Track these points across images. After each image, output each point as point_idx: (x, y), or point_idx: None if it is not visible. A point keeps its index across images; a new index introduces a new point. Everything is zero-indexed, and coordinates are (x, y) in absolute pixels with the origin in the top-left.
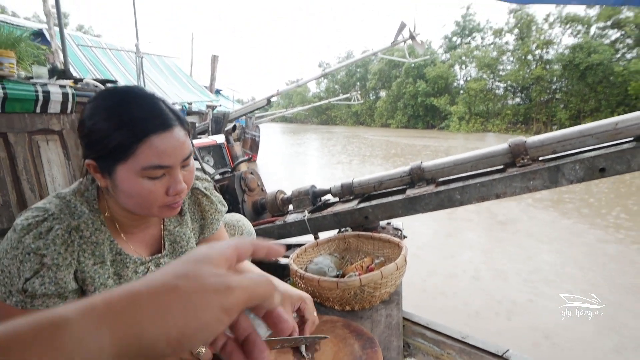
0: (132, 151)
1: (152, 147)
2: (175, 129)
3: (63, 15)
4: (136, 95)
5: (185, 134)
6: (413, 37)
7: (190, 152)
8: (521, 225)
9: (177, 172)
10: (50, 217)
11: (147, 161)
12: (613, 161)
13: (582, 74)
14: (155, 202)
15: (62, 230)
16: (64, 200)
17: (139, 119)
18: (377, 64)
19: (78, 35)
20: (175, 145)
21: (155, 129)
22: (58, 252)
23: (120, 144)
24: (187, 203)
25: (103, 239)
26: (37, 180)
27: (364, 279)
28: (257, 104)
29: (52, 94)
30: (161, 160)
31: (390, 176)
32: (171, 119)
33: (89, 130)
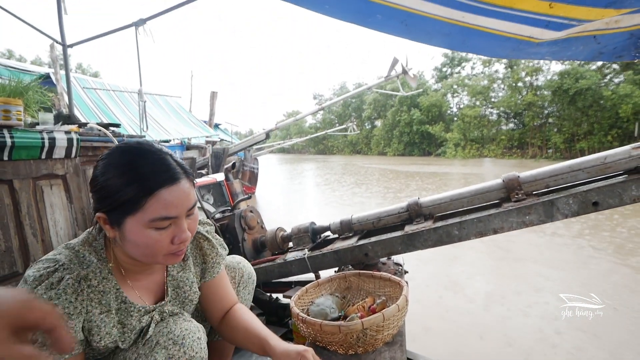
0: (141, 205)
1: (160, 200)
2: (182, 181)
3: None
4: (146, 152)
5: (190, 185)
6: (406, 72)
7: (195, 202)
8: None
9: (183, 222)
10: (61, 268)
11: (155, 213)
12: (605, 195)
13: (572, 98)
14: (161, 251)
15: (72, 280)
16: (73, 251)
17: (148, 174)
18: (372, 94)
19: (82, 77)
20: (182, 196)
21: (164, 183)
22: (69, 301)
23: (131, 198)
24: (189, 247)
25: (110, 287)
26: (40, 224)
27: (366, 322)
28: (256, 138)
29: (58, 139)
30: (168, 212)
31: (388, 212)
32: (178, 172)
33: (101, 186)
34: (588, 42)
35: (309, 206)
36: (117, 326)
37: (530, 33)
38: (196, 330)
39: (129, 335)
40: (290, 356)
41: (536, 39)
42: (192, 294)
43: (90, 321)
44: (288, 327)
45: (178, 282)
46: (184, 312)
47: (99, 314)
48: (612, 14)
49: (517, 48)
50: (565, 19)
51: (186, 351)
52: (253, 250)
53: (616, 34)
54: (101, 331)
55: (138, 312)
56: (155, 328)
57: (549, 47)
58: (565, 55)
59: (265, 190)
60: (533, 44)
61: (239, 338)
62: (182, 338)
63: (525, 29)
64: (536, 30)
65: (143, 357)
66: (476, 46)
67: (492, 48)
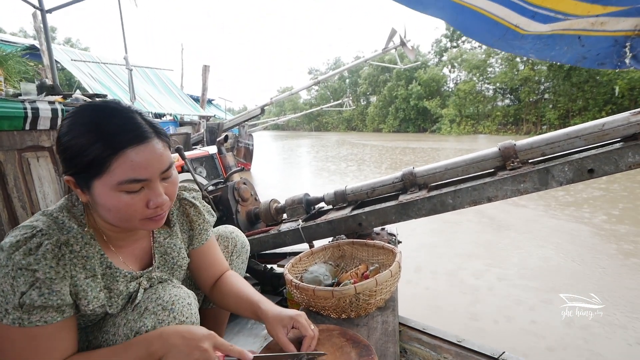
0: (107, 166)
1: (127, 161)
2: (151, 141)
3: (50, 30)
4: (111, 110)
5: (164, 145)
6: (404, 44)
7: (170, 164)
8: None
9: (157, 185)
10: (39, 234)
11: (123, 175)
12: (601, 162)
13: (567, 74)
14: (135, 215)
15: (51, 245)
16: (51, 217)
17: (113, 133)
18: (368, 69)
19: (73, 50)
20: (152, 157)
21: (130, 142)
22: (50, 266)
23: (95, 159)
24: (175, 214)
25: (93, 252)
26: (29, 197)
27: (359, 287)
28: (251, 113)
29: (41, 110)
30: (137, 174)
31: (382, 182)
32: (147, 131)
33: (65, 147)
34: (572, 42)
35: (303, 181)
36: (103, 290)
37: (518, 22)
38: (186, 296)
39: (116, 300)
40: (283, 320)
41: (522, 30)
42: (180, 259)
43: (76, 285)
44: (282, 295)
45: (165, 248)
46: (173, 278)
47: (84, 278)
48: (599, 11)
49: (504, 38)
50: (551, 11)
51: (176, 316)
52: (247, 222)
53: (600, 38)
54: (88, 295)
55: (124, 277)
56: (144, 294)
57: (534, 42)
58: (549, 55)
59: (261, 167)
60: (518, 35)
61: (230, 304)
62: (172, 304)
63: (513, 16)
64: (523, 19)
65: (132, 322)
66: (466, 26)
67: (481, 32)
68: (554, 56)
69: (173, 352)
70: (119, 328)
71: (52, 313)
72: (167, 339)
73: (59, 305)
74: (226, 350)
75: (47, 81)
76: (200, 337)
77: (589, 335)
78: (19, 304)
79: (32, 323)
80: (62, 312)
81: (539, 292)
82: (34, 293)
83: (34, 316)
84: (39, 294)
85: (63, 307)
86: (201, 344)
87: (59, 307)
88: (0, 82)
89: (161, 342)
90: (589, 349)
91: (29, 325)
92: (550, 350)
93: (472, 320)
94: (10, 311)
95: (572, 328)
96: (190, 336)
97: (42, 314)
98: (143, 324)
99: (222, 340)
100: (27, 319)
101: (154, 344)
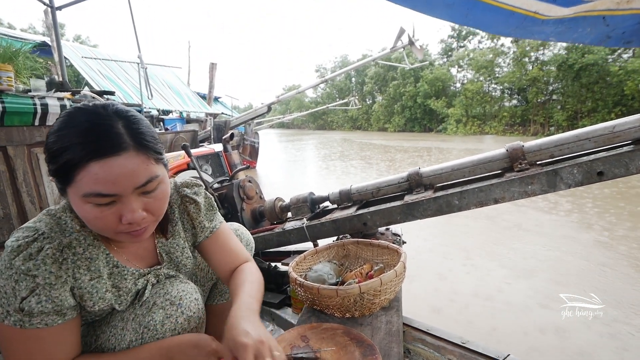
0: (72, 176)
1: (90, 173)
2: (124, 154)
3: (59, 27)
4: (90, 114)
5: (144, 159)
6: (412, 43)
7: (150, 179)
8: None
9: (129, 201)
10: (41, 237)
11: (87, 188)
12: (611, 165)
13: (577, 74)
14: (107, 228)
15: (52, 250)
16: (55, 218)
17: (81, 143)
18: (374, 68)
19: (82, 47)
20: (121, 173)
21: (97, 154)
22: (49, 271)
23: (63, 166)
24: (177, 212)
25: (97, 253)
26: (37, 192)
27: (364, 286)
28: (257, 111)
29: (50, 106)
30: (102, 188)
31: (388, 182)
32: (122, 143)
33: (46, 147)
34: (596, 23)
35: (308, 180)
36: (111, 290)
37: (537, 8)
38: (193, 291)
39: (125, 297)
40: (231, 344)
41: (542, 16)
42: (184, 259)
43: (81, 288)
44: (286, 293)
45: (169, 248)
46: (180, 274)
47: (89, 280)
48: None
49: (521, 25)
50: None
51: (184, 311)
52: (252, 220)
53: (626, 17)
54: (93, 297)
55: (132, 275)
56: (151, 290)
57: (555, 26)
58: (571, 37)
59: (266, 165)
60: (538, 21)
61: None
62: (179, 299)
63: (532, 3)
64: (543, 5)
65: (140, 317)
66: (479, 20)
67: (496, 24)
68: (576, 38)
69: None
70: (127, 322)
71: (52, 316)
72: (185, 351)
73: (58, 310)
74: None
75: (56, 77)
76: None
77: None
78: (19, 307)
79: (33, 325)
80: (62, 315)
81: (547, 292)
82: (32, 300)
83: (35, 319)
84: (37, 301)
85: (63, 310)
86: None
87: (58, 311)
88: (10, 79)
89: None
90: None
91: (30, 327)
92: (559, 352)
93: (475, 322)
94: (11, 313)
95: (590, 331)
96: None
97: (43, 317)
98: (151, 319)
99: (220, 346)
100: (28, 321)
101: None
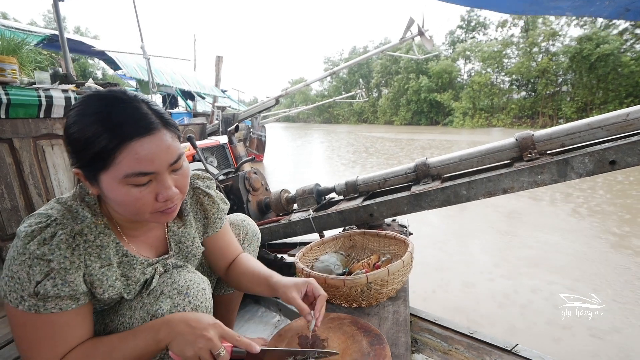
0: (112, 159)
1: (132, 153)
2: (158, 132)
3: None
4: (117, 99)
5: (172, 136)
6: (422, 33)
7: (179, 156)
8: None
9: (165, 178)
10: (53, 223)
11: (128, 169)
12: (624, 153)
13: (591, 65)
14: (144, 209)
15: (65, 235)
16: (66, 206)
17: (118, 125)
18: (380, 60)
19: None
20: (158, 150)
21: (135, 133)
22: (64, 256)
23: (101, 152)
24: (189, 203)
25: (108, 242)
26: (44, 184)
27: (371, 276)
28: (265, 104)
29: (55, 98)
30: (143, 167)
31: (394, 173)
32: (153, 122)
33: (72, 139)
34: None
35: (314, 171)
36: (120, 279)
37: None
38: (200, 281)
39: (133, 287)
40: (297, 284)
41: None
42: (194, 249)
43: (91, 275)
44: None
45: (179, 237)
46: (187, 264)
47: (99, 267)
48: None
49: (536, 1)
50: None
51: (191, 300)
52: (258, 212)
53: None
54: (104, 284)
55: (141, 264)
56: (159, 279)
57: (572, 0)
58: (588, 10)
59: (273, 158)
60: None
61: (244, 282)
62: (187, 288)
63: None
64: None
65: (148, 305)
66: (491, 1)
67: (509, 3)
68: (594, 12)
69: (178, 340)
70: (135, 311)
71: (66, 301)
72: (174, 326)
73: (72, 295)
74: (233, 340)
75: (60, 70)
76: (205, 326)
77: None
78: (34, 292)
79: (48, 310)
80: (76, 300)
81: (557, 286)
82: (48, 283)
83: (49, 303)
84: (53, 285)
85: (77, 295)
86: (206, 332)
87: (73, 296)
88: (15, 71)
89: (167, 330)
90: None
91: (45, 312)
92: (559, 343)
93: (484, 313)
94: (26, 298)
95: (598, 332)
96: (196, 324)
97: (57, 302)
98: (159, 307)
99: (229, 330)
100: (42, 306)
101: (160, 331)
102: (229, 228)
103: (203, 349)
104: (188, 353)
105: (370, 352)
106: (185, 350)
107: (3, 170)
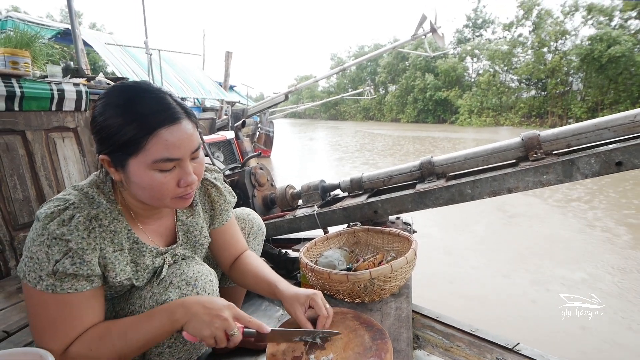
0: (142, 145)
1: (161, 140)
2: (183, 122)
3: (77, 15)
4: (144, 90)
5: (193, 126)
6: (434, 30)
7: (199, 144)
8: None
9: (187, 164)
10: (72, 206)
11: (157, 154)
12: (631, 155)
13: (602, 66)
14: (167, 193)
15: (83, 218)
16: (82, 192)
17: (147, 114)
18: (387, 58)
19: (104, 35)
20: (184, 137)
21: (164, 122)
22: (82, 237)
23: (131, 138)
24: (197, 194)
25: (121, 227)
26: (55, 176)
27: (374, 272)
28: (275, 99)
29: (67, 92)
30: (171, 153)
31: (399, 171)
32: (178, 112)
33: (101, 127)
34: None
35: (320, 168)
36: (130, 264)
37: None
38: (208, 273)
39: (142, 274)
40: (300, 299)
41: None
42: (202, 238)
43: (105, 258)
44: (296, 279)
45: (188, 227)
46: (195, 256)
47: (112, 251)
48: None
49: None
50: None
51: (199, 292)
52: (263, 207)
53: None
54: (116, 267)
55: (150, 252)
56: (168, 270)
57: None
58: None
59: (280, 154)
60: None
61: (248, 282)
62: (195, 280)
63: None
64: None
65: (157, 295)
66: None
67: None
68: None
69: (194, 321)
70: (144, 300)
71: (82, 282)
72: (189, 307)
73: (89, 275)
74: (245, 321)
75: (71, 64)
76: (220, 307)
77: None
78: (53, 271)
79: (64, 290)
80: (91, 281)
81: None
82: (67, 262)
83: (66, 284)
84: (72, 263)
85: (92, 276)
86: (221, 313)
87: (88, 276)
88: (27, 64)
89: (183, 311)
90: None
91: (61, 292)
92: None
93: (484, 312)
94: (44, 277)
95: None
96: (211, 305)
97: (73, 282)
98: (168, 297)
99: (242, 312)
100: (59, 286)
101: (176, 312)
102: (235, 222)
103: (219, 329)
104: (205, 332)
105: (372, 347)
106: (203, 330)
107: (15, 162)
